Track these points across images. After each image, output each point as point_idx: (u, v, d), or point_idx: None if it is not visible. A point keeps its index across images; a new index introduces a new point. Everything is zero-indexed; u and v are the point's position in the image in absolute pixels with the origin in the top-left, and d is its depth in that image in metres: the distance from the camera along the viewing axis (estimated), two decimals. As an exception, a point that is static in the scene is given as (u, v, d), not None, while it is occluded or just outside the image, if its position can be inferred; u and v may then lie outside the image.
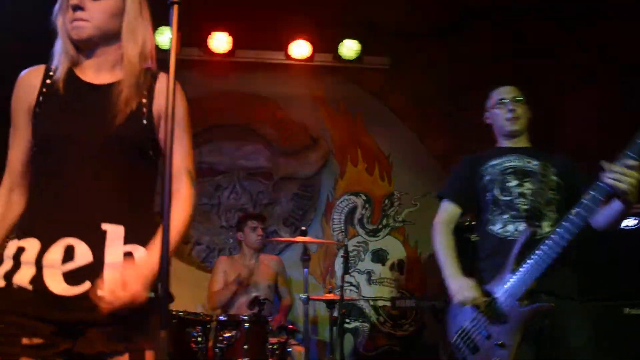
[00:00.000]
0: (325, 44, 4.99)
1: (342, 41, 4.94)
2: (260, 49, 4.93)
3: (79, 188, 1.50)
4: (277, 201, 5.03)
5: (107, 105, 1.52)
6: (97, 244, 1.47)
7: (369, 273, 5.10)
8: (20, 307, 1.43)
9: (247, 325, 3.24)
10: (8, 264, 1.48)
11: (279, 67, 5.05)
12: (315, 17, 4.75)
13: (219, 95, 4.94)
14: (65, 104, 1.54)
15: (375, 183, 5.27)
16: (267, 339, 3.37)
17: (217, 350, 3.14)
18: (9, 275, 1.46)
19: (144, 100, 1.57)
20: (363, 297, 5.01)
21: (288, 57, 4.95)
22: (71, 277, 1.45)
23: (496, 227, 2.40)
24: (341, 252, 4.94)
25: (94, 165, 1.51)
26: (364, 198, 5.21)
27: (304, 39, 4.92)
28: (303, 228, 3.50)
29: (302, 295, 3.40)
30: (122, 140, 1.52)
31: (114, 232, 1.49)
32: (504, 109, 2.57)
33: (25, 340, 1.41)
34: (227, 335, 3.19)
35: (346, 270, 3.71)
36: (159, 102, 1.57)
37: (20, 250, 1.48)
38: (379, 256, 5.14)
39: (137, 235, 1.51)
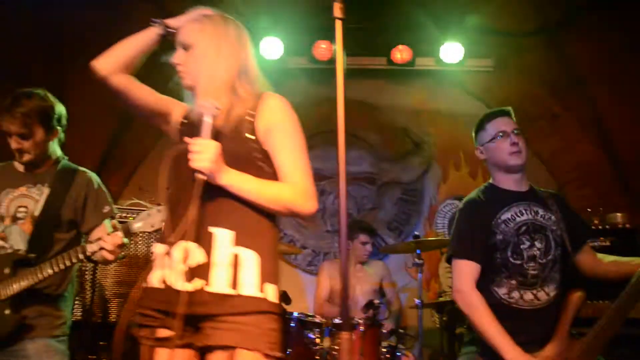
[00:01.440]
0: (427, 47, 4.98)
1: (443, 44, 4.89)
2: (362, 55, 5.00)
3: (195, 197, 1.63)
4: (381, 206, 5.08)
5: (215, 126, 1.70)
6: (208, 247, 1.62)
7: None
8: (155, 303, 1.64)
9: (362, 328, 3.29)
10: (150, 268, 1.73)
11: (381, 73, 5.10)
12: (416, 21, 4.76)
13: (323, 102, 5.07)
14: (193, 133, 1.71)
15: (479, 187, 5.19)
16: (381, 342, 3.42)
17: (334, 352, 3.22)
18: (148, 278, 1.71)
19: (250, 119, 1.74)
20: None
21: (390, 62, 4.98)
22: (188, 275, 1.61)
23: (501, 291, 2.26)
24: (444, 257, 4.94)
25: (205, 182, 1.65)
26: (468, 202, 5.15)
27: (405, 44, 4.93)
28: (416, 233, 3.52)
29: (417, 300, 3.42)
30: (229, 153, 1.66)
31: (222, 236, 1.64)
32: (506, 142, 2.38)
33: (159, 333, 1.63)
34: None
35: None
36: (265, 118, 1.74)
37: (154, 255, 1.73)
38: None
39: (247, 238, 1.65)
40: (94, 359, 3.98)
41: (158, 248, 1.70)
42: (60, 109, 2.51)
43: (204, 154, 1.59)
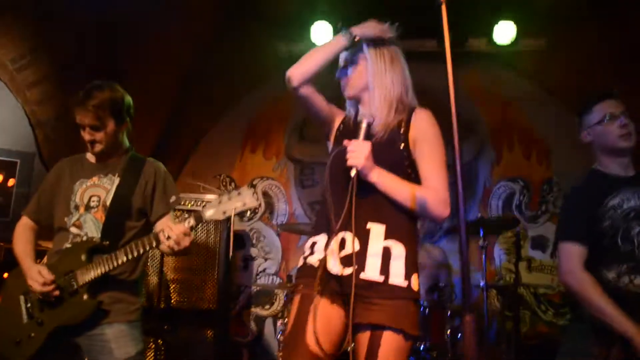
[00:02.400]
0: (479, 28, 4.89)
1: (496, 24, 4.79)
2: (412, 38, 4.94)
3: (351, 193, 1.85)
4: (435, 189, 5.04)
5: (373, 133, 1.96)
6: (364, 238, 1.86)
7: (529, 260, 4.98)
8: (313, 273, 1.89)
9: (427, 310, 3.30)
10: (306, 252, 2.01)
11: (432, 55, 5.02)
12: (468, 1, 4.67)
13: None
14: (349, 137, 1.96)
15: (532, 168, 5.13)
16: (446, 324, 3.42)
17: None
18: (305, 258, 1.99)
19: (402, 130, 1.96)
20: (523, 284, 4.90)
21: (441, 44, 4.91)
22: (344, 261, 1.86)
23: (610, 275, 2.22)
24: (498, 240, 4.89)
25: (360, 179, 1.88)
26: (522, 184, 5.09)
27: (456, 25, 4.84)
28: (479, 215, 3.48)
29: (482, 282, 3.40)
30: (383, 159, 1.89)
31: (377, 230, 1.87)
32: (614, 124, 2.34)
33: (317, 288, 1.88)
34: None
35: (519, 257, 3.66)
36: (416, 130, 1.96)
37: (314, 243, 1.99)
38: (539, 243, 5.00)
39: (396, 232, 1.87)
40: (160, 343, 4.09)
41: (318, 237, 1.96)
42: (128, 99, 2.55)
43: (357, 152, 1.83)
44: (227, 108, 5.71)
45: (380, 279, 1.82)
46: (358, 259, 1.84)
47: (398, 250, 1.85)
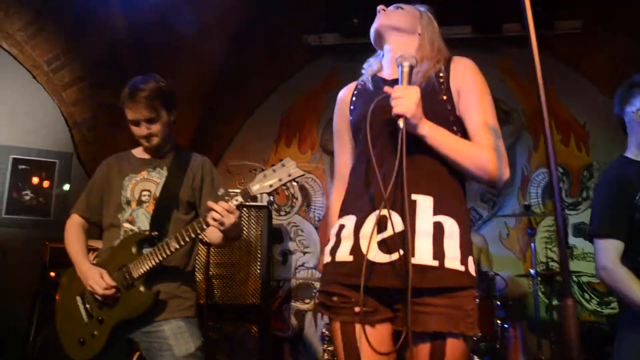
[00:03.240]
0: (513, 12, 4.80)
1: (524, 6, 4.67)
2: (445, 25, 4.86)
3: (386, 164, 1.57)
4: (473, 178, 4.98)
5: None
6: (408, 214, 1.48)
7: (571, 248, 4.89)
8: (344, 278, 1.56)
9: (477, 300, 3.24)
10: (332, 241, 1.66)
11: (466, 42, 4.96)
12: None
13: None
14: (369, 97, 1.70)
15: (571, 154, 5.04)
16: (495, 313, 3.36)
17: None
18: (333, 252, 1.63)
19: (441, 79, 1.68)
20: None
21: (474, 30, 4.85)
22: (384, 246, 1.52)
23: None
24: (539, 228, 4.81)
25: (396, 141, 1.52)
26: (561, 170, 4.99)
27: (490, 10, 4.77)
28: (526, 203, 3.41)
29: (532, 270, 3.34)
30: (427, 111, 1.56)
31: (424, 203, 1.53)
32: None
33: (357, 309, 1.53)
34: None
35: (566, 244, 3.57)
36: (457, 79, 1.68)
37: (341, 227, 1.64)
38: (581, 230, 4.91)
39: (446, 206, 1.54)
40: (202, 340, 4.09)
41: (346, 219, 1.64)
42: (171, 88, 2.49)
43: (405, 98, 1.49)
44: (260, 102, 5.70)
45: (435, 263, 1.48)
46: (403, 241, 1.49)
47: (451, 227, 1.52)
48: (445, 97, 1.65)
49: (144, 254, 2.27)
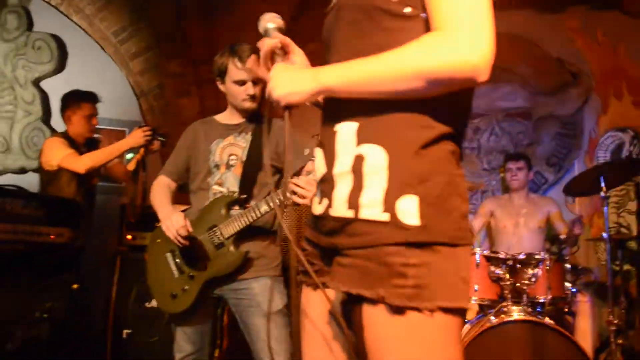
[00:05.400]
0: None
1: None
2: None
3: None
4: (539, 141, 4.90)
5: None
6: (329, 151, 1.20)
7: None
8: (308, 233, 1.33)
9: (548, 263, 3.22)
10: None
11: (530, 2, 4.82)
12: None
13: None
14: None
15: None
16: (566, 277, 3.34)
17: (523, 287, 3.18)
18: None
19: None
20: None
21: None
22: (320, 193, 1.25)
23: None
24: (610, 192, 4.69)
25: (332, 40, 1.25)
26: (632, 134, 4.82)
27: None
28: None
29: (604, 234, 3.29)
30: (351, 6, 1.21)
31: (346, 131, 1.17)
32: None
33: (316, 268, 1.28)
34: (530, 272, 3.21)
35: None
36: None
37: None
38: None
39: (374, 130, 1.14)
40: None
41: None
42: None
43: (273, 81, 1.21)
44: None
45: (350, 213, 1.14)
46: (328, 186, 1.19)
47: (375, 159, 1.12)
48: None
49: (234, 215, 2.36)
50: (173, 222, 2.33)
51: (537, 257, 3.26)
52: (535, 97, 4.92)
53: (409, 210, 1.08)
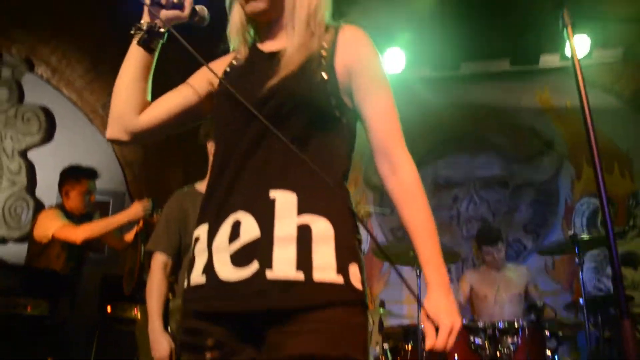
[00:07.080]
0: (551, 44, 4.86)
1: (568, 39, 4.73)
2: (484, 59, 4.97)
3: (244, 156, 1.26)
4: (517, 208, 5.00)
5: (273, 67, 1.31)
6: (265, 216, 1.20)
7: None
8: (198, 306, 1.24)
9: (527, 331, 3.25)
10: (192, 261, 1.30)
11: (504, 75, 5.04)
12: (539, 18, 4.66)
13: (448, 107, 5.06)
14: (240, 74, 1.40)
15: (616, 182, 5.02)
16: (546, 345, 3.36)
17: (503, 356, 3.19)
18: (189, 274, 1.29)
19: (324, 54, 1.32)
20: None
21: (513, 63, 4.93)
22: (238, 258, 1.19)
23: None
24: (586, 257, 4.75)
25: (258, 129, 1.25)
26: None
27: (528, 42, 4.84)
28: (571, 232, 3.42)
29: (581, 300, 3.34)
30: (289, 97, 1.26)
31: (284, 200, 1.20)
32: None
33: (208, 355, 1.23)
34: (510, 341, 3.23)
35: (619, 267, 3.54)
36: (344, 54, 1.32)
37: (196, 241, 1.29)
38: (629, 260, 4.83)
39: (314, 202, 1.21)
40: None
41: (199, 229, 1.29)
42: None
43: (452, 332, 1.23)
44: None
45: (299, 276, 1.15)
46: (261, 251, 1.17)
47: (321, 229, 1.19)
48: (326, 77, 1.29)
49: None
50: (160, 351, 2.41)
51: (516, 325, 3.29)
52: (511, 165, 5.06)
53: (356, 275, 1.21)
